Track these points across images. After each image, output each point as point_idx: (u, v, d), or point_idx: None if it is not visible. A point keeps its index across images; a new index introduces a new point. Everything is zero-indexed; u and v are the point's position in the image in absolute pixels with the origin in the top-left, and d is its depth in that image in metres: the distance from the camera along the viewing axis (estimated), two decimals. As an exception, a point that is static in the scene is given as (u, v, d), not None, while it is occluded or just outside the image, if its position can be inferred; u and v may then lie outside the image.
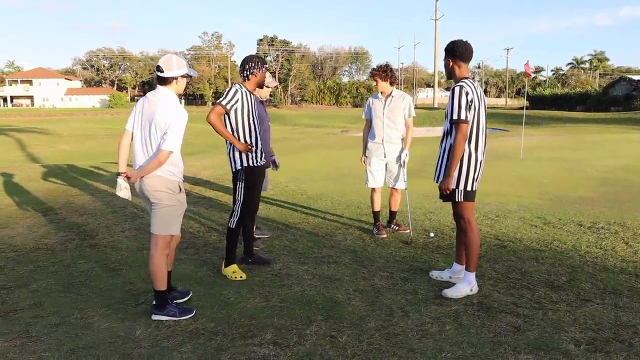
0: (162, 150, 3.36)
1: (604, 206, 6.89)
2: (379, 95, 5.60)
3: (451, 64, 3.92)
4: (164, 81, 3.49)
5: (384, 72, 5.47)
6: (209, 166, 11.60)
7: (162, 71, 3.47)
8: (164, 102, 3.45)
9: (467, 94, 3.74)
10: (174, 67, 3.48)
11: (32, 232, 6.00)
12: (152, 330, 3.38)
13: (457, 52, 3.87)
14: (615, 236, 5.36)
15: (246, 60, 4.49)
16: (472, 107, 3.77)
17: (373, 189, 5.73)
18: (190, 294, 3.97)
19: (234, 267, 4.43)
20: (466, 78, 3.87)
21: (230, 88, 4.43)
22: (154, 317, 3.56)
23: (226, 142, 4.49)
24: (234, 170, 4.51)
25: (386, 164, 5.66)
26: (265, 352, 3.07)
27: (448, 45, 3.93)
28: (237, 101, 4.35)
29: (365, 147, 5.77)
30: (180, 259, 4.91)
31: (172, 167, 3.49)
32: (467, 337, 3.22)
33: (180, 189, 3.58)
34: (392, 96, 5.55)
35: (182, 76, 3.53)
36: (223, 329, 3.38)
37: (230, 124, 4.41)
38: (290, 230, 5.90)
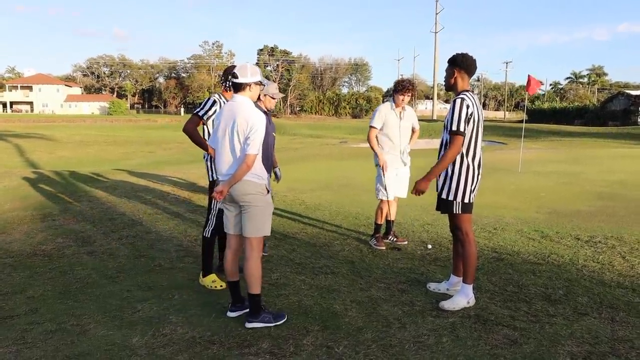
0: (248, 155, 3.41)
1: (601, 220, 6.91)
2: (393, 106, 5.62)
3: (455, 74, 3.95)
4: (239, 87, 3.57)
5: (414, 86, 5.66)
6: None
7: (236, 77, 3.56)
8: (242, 108, 3.50)
9: (467, 107, 3.78)
10: (247, 74, 3.57)
11: (30, 238, 5.99)
12: (149, 339, 3.37)
13: (465, 64, 3.92)
14: (612, 250, 5.37)
15: (228, 71, 4.48)
16: (472, 120, 3.80)
17: (383, 201, 5.68)
18: None
19: (213, 276, 4.41)
20: (467, 91, 3.91)
21: (209, 98, 4.40)
22: (248, 324, 3.53)
23: (204, 152, 4.47)
24: (210, 180, 4.49)
25: (399, 173, 5.68)
26: (262, 362, 3.06)
27: (455, 56, 3.97)
28: (214, 111, 4.34)
29: (381, 152, 5.59)
30: (178, 267, 4.91)
31: (260, 171, 3.56)
32: (464, 349, 3.22)
33: (268, 191, 3.64)
34: (404, 109, 5.66)
35: (256, 83, 3.61)
36: (220, 338, 3.38)
37: (209, 134, 4.40)
38: (288, 240, 5.90)
